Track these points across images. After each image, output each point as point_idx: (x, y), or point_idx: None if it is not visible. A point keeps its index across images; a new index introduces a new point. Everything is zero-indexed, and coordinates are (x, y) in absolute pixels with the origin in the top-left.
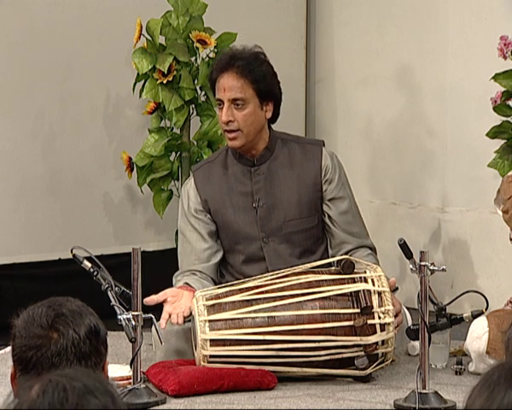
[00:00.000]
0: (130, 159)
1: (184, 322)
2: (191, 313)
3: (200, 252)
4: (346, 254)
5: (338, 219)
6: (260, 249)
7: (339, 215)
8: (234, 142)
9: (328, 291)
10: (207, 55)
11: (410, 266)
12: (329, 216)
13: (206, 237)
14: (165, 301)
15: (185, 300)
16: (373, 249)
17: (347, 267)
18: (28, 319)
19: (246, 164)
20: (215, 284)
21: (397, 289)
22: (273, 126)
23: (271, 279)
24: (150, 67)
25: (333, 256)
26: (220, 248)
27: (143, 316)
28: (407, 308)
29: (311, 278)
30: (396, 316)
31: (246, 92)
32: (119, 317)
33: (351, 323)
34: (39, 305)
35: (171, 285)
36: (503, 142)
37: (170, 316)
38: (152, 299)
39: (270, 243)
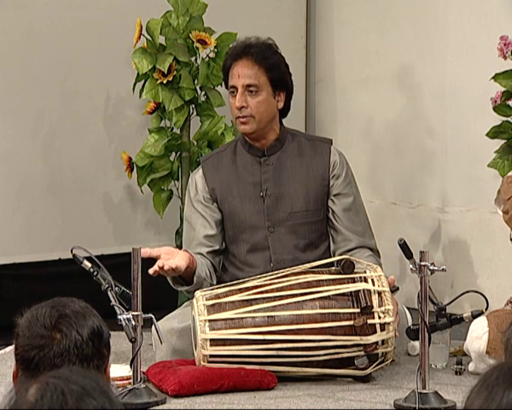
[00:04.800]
0: (130, 159)
1: (171, 271)
2: (176, 270)
3: (203, 238)
4: (348, 252)
5: (341, 215)
6: (265, 238)
7: (342, 212)
8: (245, 126)
9: (328, 291)
10: (207, 55)
11: (410, 266)
12: (333, 211)
13: (211, 224)
14: (158, 257)
15: (179, 258)
16: (375, 251)
17: (347, 267)
18: (32, 318)
19: (255, 154)
20: (215, 270)
21: (397, 289)
22: None
23: (271, 279)
24: (150, 67)
25: (334, 253)
26: (222, 240)
27: (143, 316)
28: (407, 308)
29: (311, 277)
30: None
31: (260, 79)
32: (119, 317)
33: (351, 322)
34: (43, 305)
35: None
36: (503, 142)
37: (160, 269)
38: (146, 251)
39: (276, 232)
